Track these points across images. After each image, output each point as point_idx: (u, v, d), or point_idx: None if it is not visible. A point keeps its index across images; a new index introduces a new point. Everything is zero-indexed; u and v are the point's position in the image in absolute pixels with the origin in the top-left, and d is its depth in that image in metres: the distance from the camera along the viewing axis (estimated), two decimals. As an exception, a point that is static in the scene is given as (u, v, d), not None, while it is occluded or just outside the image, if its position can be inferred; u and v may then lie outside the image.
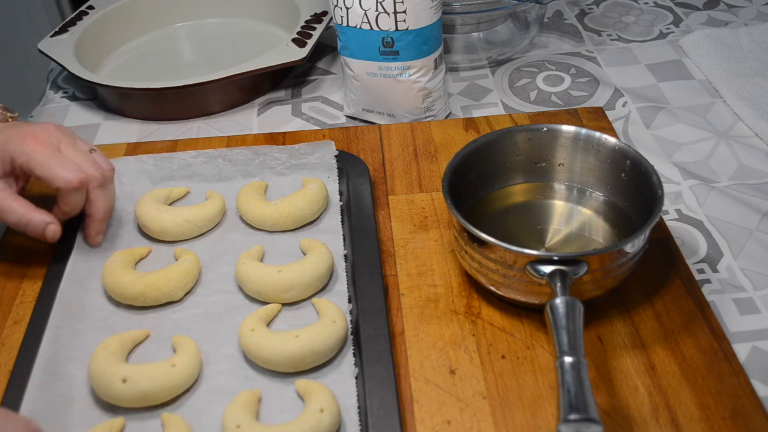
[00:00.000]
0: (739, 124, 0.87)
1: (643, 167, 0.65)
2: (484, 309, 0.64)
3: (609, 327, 0.62)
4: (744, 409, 0.56)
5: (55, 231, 0.66)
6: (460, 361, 0.60)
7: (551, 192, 0.72)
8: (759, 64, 0.95)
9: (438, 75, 0.85)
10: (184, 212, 0.71)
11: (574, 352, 0.51)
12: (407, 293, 0.66)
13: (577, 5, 1.12)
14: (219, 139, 0.85)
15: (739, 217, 0.74)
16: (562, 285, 0.56)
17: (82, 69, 0.92)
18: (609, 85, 0.94)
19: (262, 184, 0.75)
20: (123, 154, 0.83)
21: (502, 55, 1.01)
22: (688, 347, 0.60)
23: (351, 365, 0.59)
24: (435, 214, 0.74)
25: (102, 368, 0.57)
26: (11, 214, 0.65)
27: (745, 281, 0.67)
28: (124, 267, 0.66)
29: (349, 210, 0.72)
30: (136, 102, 0.92)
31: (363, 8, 0.79)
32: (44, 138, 0.66)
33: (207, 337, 0.62)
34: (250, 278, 0.64)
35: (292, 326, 0.63)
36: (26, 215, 0.66)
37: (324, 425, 0.53)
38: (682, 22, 1.07)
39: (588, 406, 0.48)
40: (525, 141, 0.70)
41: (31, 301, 0.67)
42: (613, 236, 0.67)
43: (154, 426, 0.56)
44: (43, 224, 0.66)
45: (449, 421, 0.56)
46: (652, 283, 0.65)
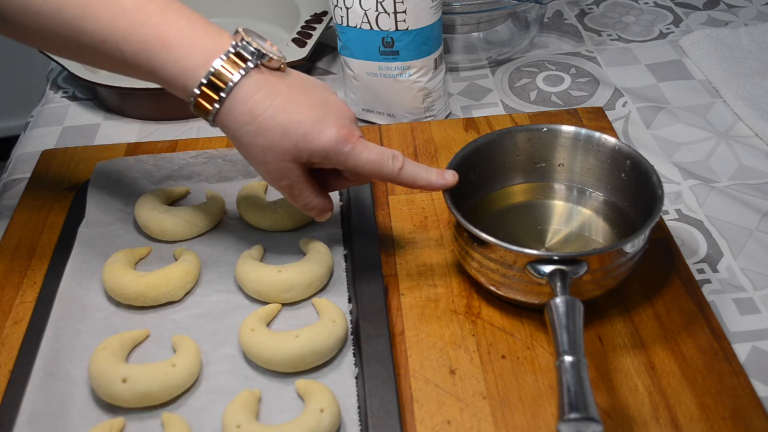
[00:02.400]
0: (739, 124, 0.87)
1: (643, 167, 0.65)
2: (484, 309, 0.64)
3: (609, 327, 0.62)
4: (744, 409, 0.56)
5: (329, 216, 0.65)
6: (460, 361, 0.60)
7: (551, 192, 0.72)
8: (759, 64, 0.95)
9: (438, 75, 0.85)
10: (184, 212, 0.71)
11: (574, 352, 0.51)
12: (407, 293, 0.66)
13: (577, 5, 1.12)
14: (219, 139, 0.85)
15: (739, 217, 0.74)
16: (562, 285, 0.56)
17: (82, 69, 0.92)
18: (609, 85, 0.94)
19: (262, 184, 0.75)
20: (123, 154, 0.83)
21: (502, 55, 1.01)
22: (688, 347, 0.60)
23: (351, 365, 0.59)
24: (435, 214, 0.74)
25: (102, 368, 0.57)
26: (303, 200, 0.63)
27: (745, 281, 0.67)
28: (124, 267, 0.66)
29: (349, 210, 0.72)
30: (136, 102, 0.92)
31: (363, 8, 0.79)
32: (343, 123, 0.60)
33: (207, 337, 0.62)
34: (250, 278, 0.64)
35: (292, 326, 0.63)
36: (313, 201, 0.63)
37: (324, 425, 0.53)
38: (682, 22, 1.07)
39: (588, 405, 0.48)
40: (525, 141, 0.70)
41: (31, 301, 0.66)
42: (613, 236, 0.67)
43: (154, 426, 0.56)
44: (323, 211, 0.64)
45: (449, 421, 0.56)
46: (652, 283, 0.65)
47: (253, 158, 0.60)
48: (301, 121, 0.58)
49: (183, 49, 0.57)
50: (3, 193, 0.83)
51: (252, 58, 0.57)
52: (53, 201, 0.77)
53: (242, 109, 0.57)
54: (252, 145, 0.59)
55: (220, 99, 0.57)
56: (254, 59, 0.57)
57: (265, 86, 0.57)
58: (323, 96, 0.60)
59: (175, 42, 0.56)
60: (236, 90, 0.57)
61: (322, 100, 0.60)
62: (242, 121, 0.58)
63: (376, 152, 0.60)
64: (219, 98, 0.57)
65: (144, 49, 0.57)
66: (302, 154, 0.59)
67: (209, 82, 0.57)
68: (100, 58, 0.60)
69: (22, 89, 2.02)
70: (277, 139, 0.58)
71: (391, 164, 0.61)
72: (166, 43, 0.56)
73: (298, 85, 0.60)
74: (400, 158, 0.62)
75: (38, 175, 0.81)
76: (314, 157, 0.59)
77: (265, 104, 0.57)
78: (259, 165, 0.60)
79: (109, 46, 0.58)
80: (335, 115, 0.59)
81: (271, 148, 0.58)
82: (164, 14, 0.57)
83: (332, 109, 0.60)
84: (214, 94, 0.57)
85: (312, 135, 0.58)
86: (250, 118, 0.57)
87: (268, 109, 0.57)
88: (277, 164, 0.59)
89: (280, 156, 0.59)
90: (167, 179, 0.77)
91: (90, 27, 0.57)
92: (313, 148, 0.58)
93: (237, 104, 0.57)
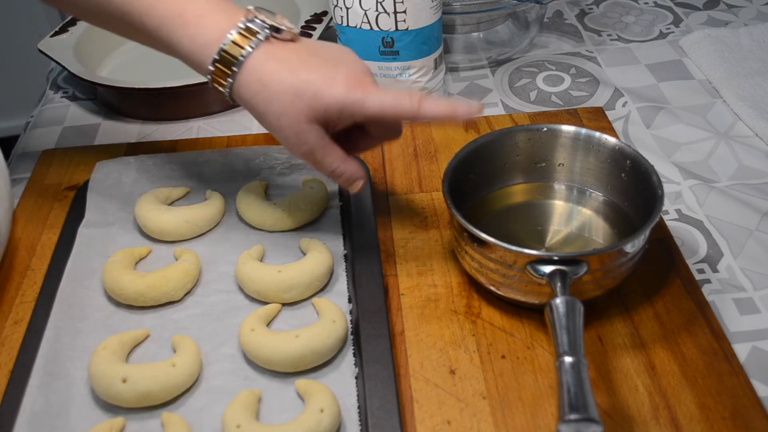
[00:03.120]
0: (739, 124, 0.87)
1: (643, 167, 0.65)
2: (484, 309, 0.64)
3: (609, 327, 0.62)
4: (744, 409, 0.56)
5: (362, 186, 0.64)
6: (460, 361, 0.60)
7: (551, 192, 0.72)
8: (759, 64, 0.95)
9: (438, 75, 0.85)
10: (184, 212, 0.71)
11: (574, 352, 0.51)
12: (407, 293, 0.66)
13: (577, 5, 1.12)
14: (219, 139, 0.85)
15: (739, 217, 0.74)
16: (562, 285, 0.56)
17: (82, 69, 0.92)
18: (609, 85, 0.94)
19: (262, 184, 0.75)
20: (123, 154, 0.83)
21: (502, 55, 1.01)
22: (688, 347, 0.60)
23: (351, 365, 0.59)
24: (435, 214, 0.74)
25: (102, 368, 0.57)
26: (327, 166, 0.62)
27: (745, 281, 0.67)
28: (124, 267, 0.66)
29: (349, 210, 0.72)
30: (136, 102, 0.92)
31: (363, 8, 0.79)
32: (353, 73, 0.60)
33: (207, 337, 0.62)
34: (250, 278, 0.64)
35: (292, 326, 0.63)
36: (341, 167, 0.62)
37: (324, 425, 0.53)
38: (682, 22, 1.07)
39: (588, 405, 0.48)
40: (525, 141, 0.70)
41: (31, 301, 0.67)
42: (613, 236, 0.67)
43: (154, 426, 0.56)
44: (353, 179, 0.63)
45: (449, 421, 0.56)
46: (652, 283, 0.65)
47: (270, 126, 0.60)
48: (310, 80, 0.58)
49: (200, 26, 0.58)
50: (3, 193, 0.83)
51: (262, 31, 0.58)
52: (53, 201, 0.77)
53: (254, 79, 0.58)
54: (266, 112, 0.59)
55: (232, 73, 0.58)
56: (264, 32, 0.58)
57: (275, 55, 0.58)
58: (336, 55, 0.61)
59: (192, 18, 0.58)
60: (246, 62, 0.58)
61: (333, 58, 0.60)
62: (254, 90, 0.59)
63: (391, 94, 0.59)
64: (231, 72, 0.58)
65: (164, 24, 0.59)
66: (317, 113, 0.59)
67: (221, 57, 0.58)
68: (125, 28, 0.62)
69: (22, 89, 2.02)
70: (289, 101, 0.58)
71: (409, 101, 0.59)
72: (184, 18, 0.58)
73: (310, 48, 0.60)
74: (417, 95, 0.60)
75: (38, 175, 0.81)
76: (329, 113, 0.59)
77: (275, 70, 0.58)
78: (277, 132, 0.60)
79: (133, 18, 0.59)
80: (346, 69, 0.59)
81: (285, 112, 0.58)
82: None
83: (344, 65, 0.60)
84: (227, 69, 0.58)
85: (322, 91, 0.58)
86: (262, 87, 0.58)
87: (278, 74, 0.58)
88: (294, 128, 0.59)
89: (295, 119, 0.59)
90: (167, 179, 0.77)
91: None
92: (326, 104, 0.58)
93: (249, 75, 0.58)
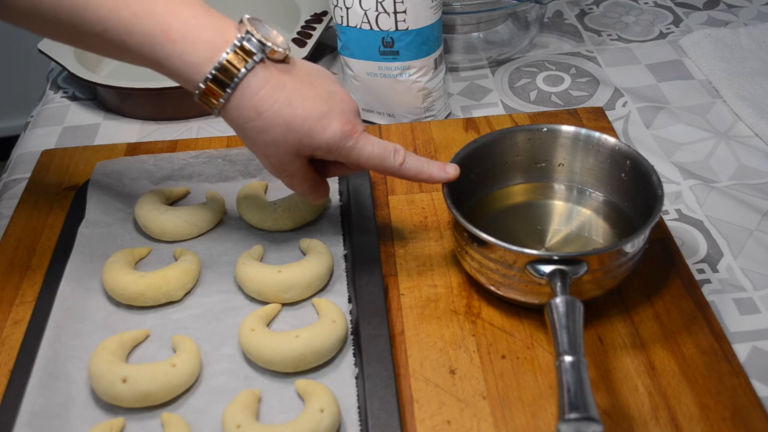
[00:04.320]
0: (739, 124, 0.87)
1: (642, 167, 0.65)
2: (484, 309, 0.64)
3: (609, 327, 0.62)
4: (744, 409, 0.56)
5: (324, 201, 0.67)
6: (460, 361, 0.60)
7: (551, 192, 0.72)
8: (759, 64, 0.95)
9: (438, 75, 0.85)
10: (184, 212, 0.71)
11: (574, 352, 0.51)
12: (407, 293, 0.66)
13: (577, 5, 1.12)
14: (219, 139, 0.85)
15: (739, 217, 0.74)
16: (562, 284, 0.56)
17: (82, 69, 0.92)
18: (609, 85, 0.94)
19: (262, 184, 0.75)
20: (123, 154, 0.83)
21: (502, 55, 1.01)
22: (688, 347, 0.60)
23: (351, 365, 0.59)
24: (435, 214, 0.74)
25: (102, 368, 0.57)
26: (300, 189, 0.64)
27: (745, 281, 0.67)
28: (124, 267, 0.66)
29: (349, 210, 0.72)
30: (136, 102, 0.92)
31: (363, 8, 0.79)
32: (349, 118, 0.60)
33: (207, 337, 0.62)
34: (250, 278, 0.64)
35: (292, 326, 0.63)
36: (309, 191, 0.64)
37: (324, 425, 0.53)
38: (682, 22, 1.07)
39: (588, 405, 0.48)
40: (525, 141, 0.70)
41: (31, 301, 0.66)
42: (613, 236, 0.67)
43: (154, 426, 0.56)
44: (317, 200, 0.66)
45: (449, 421, 0.56)
46: (652, 283, 0.65)
47: (257, 151, 0.60)
48: (306, 117, 0.57)
49: (188, 43, 0.56)
50: (3, 193, 0.83)
51: (257, 52, 0.57)
52: (53, 201, 0.77)
53: (248, 105, 0.57)
54: (256, 139, 0.59)
55: (225, 94, 0.57)
56: (259, 53, 0.57)
57: (271, 81, 0.57)
58: (328, 88, 0.60)
59: (179, 35, 0.56)
60: (242, 85, 0.57)
61: (327, 93, 0.60)
62: (247, 116, 0.57)
63: (378, 147, 0.60)
64: (224, 93, 0.57)
65: (147, 42, 0.56)
66: (305, 149, 0.59)
67: (215, 77, 0.56)
68: (103, 47, 0.59)
69: (22, 89, 2.02)
70: (281, 134, 0.58)
71: (392, 159, 0.61)
72: (170, 36, 0.56)
73: (303, 77, 0.59)
74: (401, 152, 0.62)
75: (38, 175, 0.81)
76: (317, 152, 0.59)
77: (271, 100, 0.57)
78: (263, 157, 0.61)
79: (111, 35, 0.57)
80: (339, 109, 0.59)
81: (276, 143, 0.58)
82: (167, 4, 0.56)
83: (336, 103, 0.59)
84: (220, 90, 0.57)
85: (316, 131, 0.58)
86: (256, 114, 0.57)
87: (274, 105, 0.57)
88: (280, 157, 0.60)
89: (284, 150, 0.59)
90: (167, 179, 0.77)
91: (91, 15, 0.56)
92: (317, 144, 0.59)
93: (243, 100, 0.57)
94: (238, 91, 0.57)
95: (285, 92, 0.57)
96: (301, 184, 0.63)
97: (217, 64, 0.56)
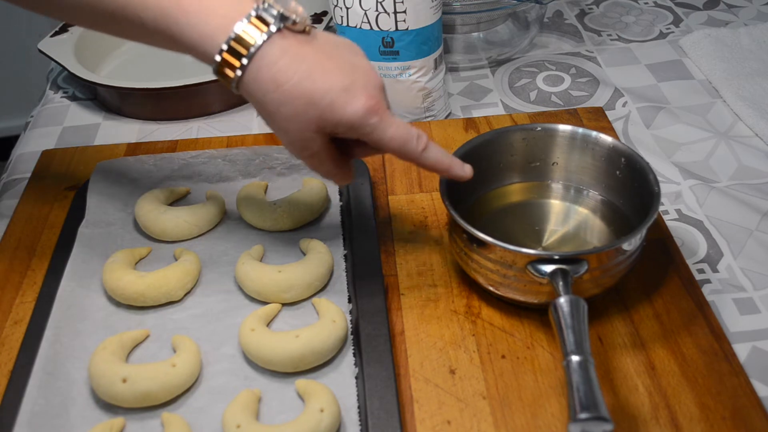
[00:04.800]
0: (739, 124, 0.87)
1: (638, 165, 0.65)
2: (484, 309, 0.64)
3: (609, 327, 0.62)
4: (744, 409, 0.56)
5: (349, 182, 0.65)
6: (460, 361, 0.60)
7: (547, 191, 0.72)
8: (759, 64, 0.95)
9: (438, 75, 0.85)
10: (184, 212, 0.71)
11: (581, 351, 0.51)
12: (407, 293, 0.66)
13: (577, 5, 1.12)
14: (219, 139, 0.85)
15: (739, 217, 0.74)
16: (564, 284, 0.56)
17: (82, 69, 0.92)
18: (609, 85, 0.94)
19: (262, 184, 0.75)
20: (123, 154, 0.83)
21: (502, 55, 1.01)
22: (688, 347, 0.60)
23: (351, 365, 0.59)
24: (435, 214, 0.74)
25: (102, 368, 0.57)
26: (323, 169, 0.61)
27: (745, 281, 0.67)
28: (124, 267, 0.66)
29: (349, 210, 0.72)
30: (136, 102, 0.92)
31: (363, 8, 0.79)
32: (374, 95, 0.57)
33: (207, 337, 0.62)
34: (250, 278, 0.64)
35: (292, 326, 0.63)
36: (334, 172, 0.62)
37: (324, 425, 0.53)
38: (682, 22, 1.07)
39: (598, 404, 0.48)
40: (520, 141, 0.70)
41: (31, 301, 0.67)
42: (609, 234, 0.67)
43: (154, 426, 0.56)
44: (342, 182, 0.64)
45: (449, 421, 0.56)
46: (652, 283, 0.65)
47: (277, 126, 0.58)
48: (327, 89, 0.55)
49: (202, 14, 0.54)
50: (3, 193, 0.83)
51: (275, 21, 0.55)
52: (53, 201, 0.77)
53: (266, 77, 0.55)
54: (276, 113, 0.56)
55: (242, 65, 0.54)
56: (277, 22, 0.55)
57: (290, 51, 0.55)
58: (352, 60, 0.58)
59: (194, 8, 0.54)
60: (259, 56, 0.54)
61: (350, 65, 0.57)
62: (266, 88, 0.55)
63: (402, 129, 0.58)
64: (241, 65, 0.54)
65: (162, 15, 0.55)
66: (327, 124, 0.56)
67: (230, 47, 0.54)
68: (120, 26, 0.58)
69: (22, 89, 2.02)
70: (302, 108, 0.55)
71: (415, 143, 0.58)
72: (184, 8, 0.54)
73: (326, 48, 0.57)
74: (424, 139, 0.59)
75: (38, 175, 0.81)
76: (339, 128, 0.57)
77: (291, 71, 0.55)
78: (282, 133, 0.58)
79: (128, 13, 0.56)
80: (363, 83, 0.56)
81: (296, 117, 0.56)
82: None
83: (360, 76, 0.57)
84: (236, 61, 0.54)
85: (338, 105, 0.55)
86: (275, 86, 0.55)
87: (294, 77, 0.55)
88: (301, 133, 0.57)
89: (304, 125, 0.56)
90: (167, 179, 0.77)
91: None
92: (339, 119, 0.56)
93: (261, 71, 0.55)
94: (255, 62, 0.54)
95: (305, 64, 0.55)
96: (324, 163, 0.60)
97: (233, 34, 0.54)
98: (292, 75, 0.54)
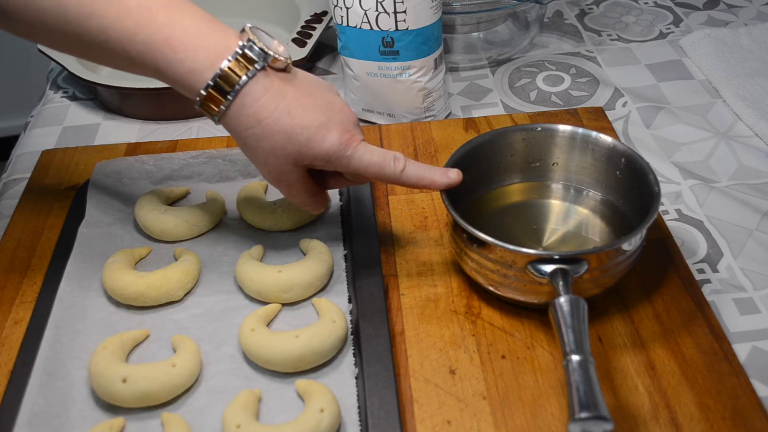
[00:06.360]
0: (739, 124, 0.87)
1: (638, 164, 0.65)
2: (484, 309, 0.64)
3: (609, 327, 0.62)
4: (744, 409, 0.56)
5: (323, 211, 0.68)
6: (460, 361, 0.60)
7: (547, 191, 0.71)
8: (759, 64, 0.95)
9: (438, 75, 0.85)
10: (184, 212, 0.71)
11: (581, 351, 0.51)
12: (407, 293, 0.66)
13: (577, 5, 1.12)
14: (219, 139, 0.85)
15: (739, 217, 0.74)
16: (564, 284, 0.56)
17: (82, 69, 0.92)
18: (609, 85, 0.94)
19: (262, 184, 0.75)
20: (123, 154, 0.83)
21: (502, 55, 1.01)
22: (688, 347, 0.60)
23: (351, 365, 0.59)
24: (435, 214, 0.74)
25: (102, 368, 0.57)
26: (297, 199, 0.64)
27: (745, 281, 0.67)
28: (124, 267, 0.66)
29: (349, 210, 0.72)
30: (136, 102, 0.92)
31: (363, 8, 0.79)
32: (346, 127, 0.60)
33: (207, 337, 0.62)
34: (250, 278, 0.64)
35: (292, 326, 0.63)
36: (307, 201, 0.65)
37: (324, 425, 0.53)
38: (682, 22, 1.07)
39: (598, 403, 0.48)
40: (519, 141, 0.70)
41: (31, 301, 0.67)
42: (609, 234, 0.67)
43: (154, 426, 0.56)
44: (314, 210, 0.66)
45: (449, 421, 0.56)
46: (652, 283, 0.65)
47: (256, 159, 0.61)
48: (305, 126, 0.58)
49: (189, 51, 0.56)
50: (3, 193, 0.83)
51: (258, 60, 0.57)
52: (53, 201, 0.77)
53: (248, 113, 0.57)
54: (256, 147, 0.59)
55: (226, 101, 0.57)
56: (261, 61, 0.57)
57: (271, 89, 0.57)
58: (327, 99, 0.61)
59: (180, 43, 0.56)
60: (243, 93, 0.57)
61: (326, 103, 0.60)
62: (247, 124, 0.58)
63: (377, 155, 0.61)
64: (225, 100, 0.57)
65: (149, 50, 0.57)
66: (304, 158, 0.59)
67: (216, 84, 0.56)
68: (105, 56, 0.59)
69: (22, 89, 2.02)
70: (281, 143, 0.58)
71: (392, 166, 0.61)
72: (171, 44, 0.56)
73: (303, 87, 0.60)
74: (401, 159, 0.62)
75: (38, 174, 0.81)
76: (316, 161, 0.60)
77: (271, 108, 0.57)
78: (261, 166, 0.61)
79: (113, 45, 0.57)
80: (338, 120, 0.60)
81: (275, 151, 0.59)
82: (169, 13, 0.57)
83: (336, 113, 0.60)
84: (221, 96, 0.57)
85: (315, 140, 0.58)
86: (256, 122, 0.57)
87: (274, 113, 0.57)
88: (279, 167, 0.60)
89: (283, 159, 0.59)
90: (167, 179, 0.77)
91: (94, 26, 0.57)
92: (316, 153, 0.59)
93: (243, 107, 0.57)
94: (239, 99, 0.57)
95: (285, 101, 0.58)
96: (299, 194, 0.63)
97: (219, 70, 0.56)
98: (273, 111, 0.57)
